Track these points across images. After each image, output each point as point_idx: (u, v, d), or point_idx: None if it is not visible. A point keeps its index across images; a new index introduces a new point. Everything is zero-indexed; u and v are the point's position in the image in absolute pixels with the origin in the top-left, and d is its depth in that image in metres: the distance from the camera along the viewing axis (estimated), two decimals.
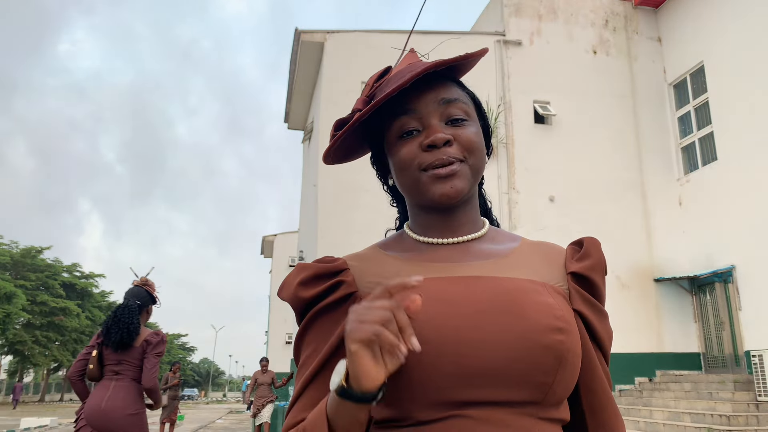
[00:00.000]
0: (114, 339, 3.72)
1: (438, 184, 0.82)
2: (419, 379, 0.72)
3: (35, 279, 37.45)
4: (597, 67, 12.09)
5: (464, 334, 0.73)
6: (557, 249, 0.91)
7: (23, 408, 31.60)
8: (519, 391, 0.73)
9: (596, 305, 0.85)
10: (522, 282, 0.80)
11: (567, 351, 0.75)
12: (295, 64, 12.19)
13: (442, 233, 0.87)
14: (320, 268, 0.84)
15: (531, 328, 0.74)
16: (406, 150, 0.84)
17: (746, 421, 7.86)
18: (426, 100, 0.85)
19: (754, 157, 9.71)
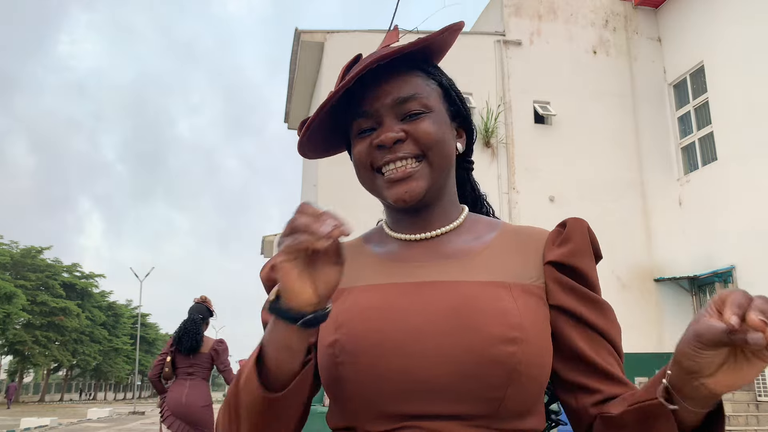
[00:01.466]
0: (185, 346, 4.69)
1: (393, 189, 0.79)
2: (363, 391, 0.71)
3: (35, 279, 37.45)
4: (597, 67, 12.08)
5: (408, 347, 0.70)
6: (537, 236, 0.82)
7: (23, 408, 31.59)
8: (467, 406, 0.69)
9: (583, 293, 0.77)
10: (481, 286, 0.74)
11: (519, 363, 0.69)
12: (295, 64, 12.19)
13: (412, 229, 0.84)
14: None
15: (479, 339, 0.69)
16: (359, 149, 0.82)
17: (746, 421, 7.87)
18: (379, 99, 0.80)
19: (754, 157, 9.71)
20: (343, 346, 0.72)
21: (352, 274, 0.80)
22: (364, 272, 0.82)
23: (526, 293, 0.75)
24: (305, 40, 11.24)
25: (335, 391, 0.74)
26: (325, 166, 10.76)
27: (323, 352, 0.75)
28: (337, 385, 0.73)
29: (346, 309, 0.76)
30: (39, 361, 40.18)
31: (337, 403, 0.77)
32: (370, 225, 1.01)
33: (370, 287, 0.79)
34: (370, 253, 0.85)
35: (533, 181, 11.09)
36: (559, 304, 0.77)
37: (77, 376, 58.21)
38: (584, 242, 0.80)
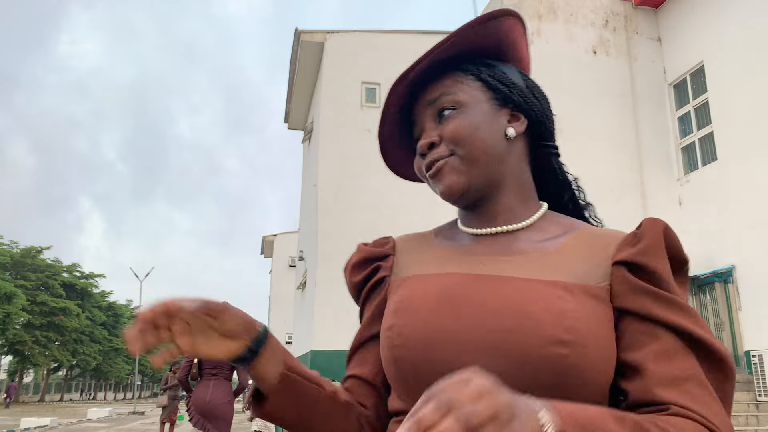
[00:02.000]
0: None
1: (435, 186, 0.83)
2: (416, 375, 0.73)
3: (35, 279, 37.47)
4: (597, 67, 12.08)
5: (460, 337, 0.71)
6: (612, 237, 0.78)
7: (23, 408, 31.58)
8: None
9: (655, 293, 0.70)
10: (540, 285, 0.72)
11: (571, 367, 0.66)
12: (295, 64, 12.18)
13: (478, 223, 0.85)
14: (368, 252, 0.91)
15: (530, 339, 0.67)
16: (416, 161, 0.87)
17: (746, 421, 7.86)
18: (418, 106, 0.85)
19: (754, 157, 9.71)
20: (399, 330, 0.76)
21: (415, 264, 0.85)
22: (426, 262, 0.85)
23: (587, 295, 0.72)
24: (305, 40, 11.24)
25: (392, 373, 0.78)
26: (325, 167, 10.75)
27: (383, 336, 0.79)
28: (393, 367, 0.77)
29: (405, 295, 0.80)
30: (39, 361, 40.18)
31: (394, 386, 0.80)
32: (370, 225, 1.01)
33: (429, 276, 0.81)
34: (436, 244, 0.88)
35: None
36: (625, 307, 0.72)
37: (77, 376, 58.20)
38: (656, 240, 0.74)
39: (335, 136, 10.71)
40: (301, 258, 13.50)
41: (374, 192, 10.36)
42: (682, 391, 0.66)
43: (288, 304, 20.58)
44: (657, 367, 0.68)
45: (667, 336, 0.69)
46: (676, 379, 0.67)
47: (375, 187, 10.39)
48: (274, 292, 26.58)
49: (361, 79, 11.07)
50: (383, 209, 10.26)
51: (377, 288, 0.88)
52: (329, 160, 10.71)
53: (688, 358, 0.68)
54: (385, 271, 0.88)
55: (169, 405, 11.34)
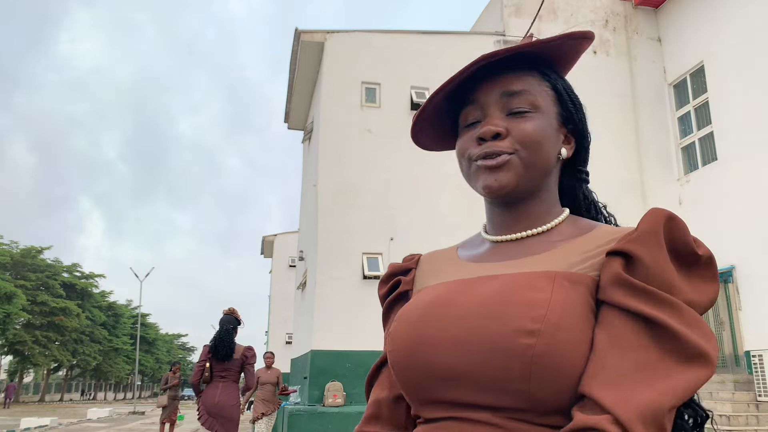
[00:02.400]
0: (221, 354, 5.46)
1: (483, 175, 0.81)
2: (404, 379, 0.78)
3: (35, 279, 37.47)
4: (597, 67, 12.08)
5: (435, 336, 0.75)
6: (621, 231, 0.76)
7: (23, 408, 31.58)
8: (498, 397, 0.69)
9: (634, 285, 0.68)
10: (522, 277, 0.74)
11: (539, 356, 0.66)
12: (295, 64, 12.18)
13: (502, 228, 0.86)
14: (395, 267, 0.96)
15: (498, 330, 0.69)
16: (463, 140, 0.85)
17: (746, 421, 7.86)
18: (488, 91, 0.83)
19: (754, 157, 9.71)
20: (392, 336, 0.81)
21: (431, 276, 0.89)
22: (440, 274, 0.88)
23: (570, 282, 0.71)
24: (305, 40, 11.24)
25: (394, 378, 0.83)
26: (326, 167, 10.75)
27: (385, 343, 0.85)
28: (393, 371, 0.81)
29: (407, 305, 0.84)
30: (39, 361, 40.19)
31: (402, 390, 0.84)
32: (370, 225, 1.02)
33: (436, 285, 0.84)
34: (455, 256, 0.90)
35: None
36: (604, 298, 0.70)
37: (77, 376, 58.20)
38: (650, 228, 0.71)
39: (335, 136, 10.70)
40: (301, 258, 13.50)
41: (374, 192, 10.36)
42: (607, 382, 0.64)
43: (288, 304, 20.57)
44: (599, 359, 0.66)
45: (631, 328, 0.67)
46: (615, 370, 0.64)
47: (375, 187, 10.39)
48: (274, 292, 26.57)
49: (361, 79, 11.06)
50: (383, 209, 10.26)
51: (400, 301, 0.92)
52: (329, 160, 10.70)
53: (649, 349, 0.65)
54: (407, 285, 0.92)
55: (169, 405, 11.34)
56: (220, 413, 5.33)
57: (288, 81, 13.38)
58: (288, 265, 24.30)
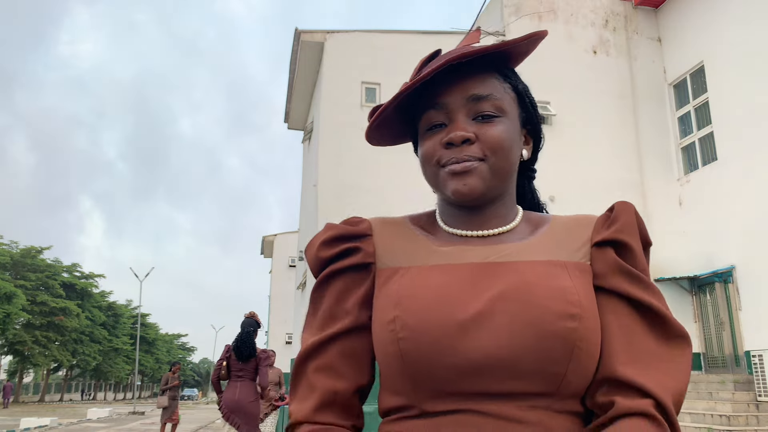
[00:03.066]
0: (244, 354, 5.88)
1: (452, 181, 0.80)
2: (424, 367, 0.72)
3: (35, 279, 37.47)
4: (597, 67, 12.08)
5: (470, 323, 0.71)
6: (588, 220, 0.84)
7: (23, 408, 31.60)
8: (530, 383, 0.70)
9: (630, 273, 0.76)
10: (539, 265, 0.76)
11: (579, 339, 0.70)
12: (295, 64, 12.18)
13: (467, 226, 0.85)
14: (343, 229, 0.86)
15: (540, 315, 0.70)
16: (428, 145, 0.82)
17: (746, 421, 7.86)
18: (454, 94, 0.81)
19: (754, 157, 9.71)
20: (404, 321, 0.74)
21: (405, 254, 0.83)
22: (419, 254, 0.83)
23: (579, 271, 0.77)
24: (305, 40, 11.24)
25: (394, 368, 0.75)
26: (326, 167, 10.75)
27: (382, 329, 0.76)
28: (397, 361, 0.74)
29: (405, 286, 0.78)
30: (39, 361, 40.19)
31: (394, 382, 0.77)
32: None
33: (429, 267, 0.80)
34: (421, 236, 0.86)
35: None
36: (605, 285, 0.77)
37: (77, 376, 58.21)
38: (630, 220, 0.80)
39: (335, 136, 10.70)
40: (301, 258, 13.50)
41: (374, 192, 10.36)
42: (639, 368, 0.72)
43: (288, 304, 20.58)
44: (621, 345, 0.73)
45: (634, 314, 0.75)
46: (637, 355, 0.73)
47: (375, 187, 10.39)
48: (274, 292, 26.58)
49: (361, 79, 11.06)
50: (383, 209, 10.22)
51: (357, 272, 0.83)
52: (329, 160, 10.71)
53: (649, 334, 0.74)
54: (368, 256, 0.84)
55: (170, 406, 11.32)
56: (240, 409, 5.77)
57: (288, 81, 13.38)
58: (288, 265, 24.32)
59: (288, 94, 13.96)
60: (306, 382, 0.80)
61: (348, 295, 0.83)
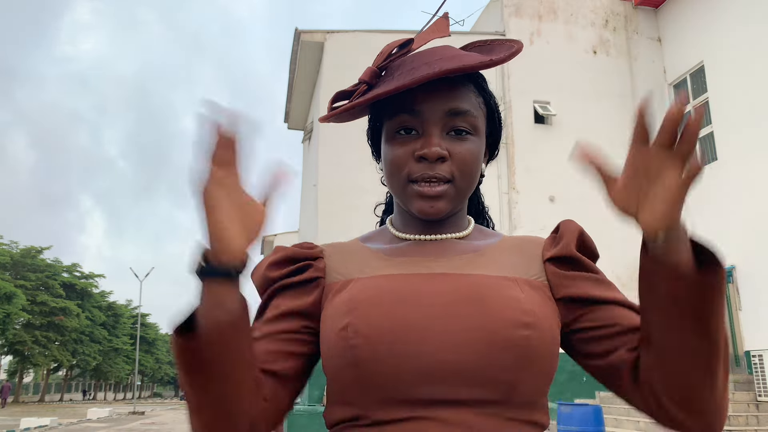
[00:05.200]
0: None
1: (420, 201, 0.79)
2: (378, 373, 0.70)
3: (35, 279, 37.47)
4: (597, 67, 12.09)
5: (423, 329, 0.71)
6: (536, 241, 0.86)
7: (23, 408, 31.60)
8: (481, 390, 0.70)
9: (588, 277, 0.80)
10: (491, 278, 0.76)
11: (531, 348, 0.70)
12: (295, 64, 12.19)
13: (423, 230, 0.85)
14: (295, 252, 0.83)
15: (493, 323, 0.70)
16: (399, 153, 0.80)
17: (746, 421, 7.86)
18: (433, 105, 0.79)
19: (754, 157, 9.71)
20: (357, 328, 0.72)
21: (354, 268, 0.82)
22: (369, 265, 0.82)
23: (530, 287, 0.77)
24: (305, 40, 11.24)
25: (346, 377, 0.73)
26: (326, 167, 10.75)
27: (334, 337, 0.73)
28: (349, 369, 0.72)
29: (357, 294, 0.76)
30: (39, 361, 40.19)
31: (343, 392, 0.75)
32: (369, 225, 1.01)
33: (379, 276, 0.78)
34: (371, 250, 0.85)
35: (533, 181, 11.10)
36: (565, 294, 0.79)
37: (77, 376, 58.22)
38: (574, 236, 0.83)
39: (335, 136, 10.71)
40: None
41: (374, 192, 10.35)
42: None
43: None
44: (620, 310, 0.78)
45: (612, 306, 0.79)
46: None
47: (375, 188, 10.37)
48: None
49: None
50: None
51: (304, 286, 0.81)
52: (329, 160, 10.71)
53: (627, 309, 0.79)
54: (318, 271, 0.82)
55: None
56: None
57: (288, 81, 13.38)
58: None
59: (288, 94, 13.96)
60: None
61: (289, 306, 0.79)
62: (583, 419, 6.24)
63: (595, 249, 0.85)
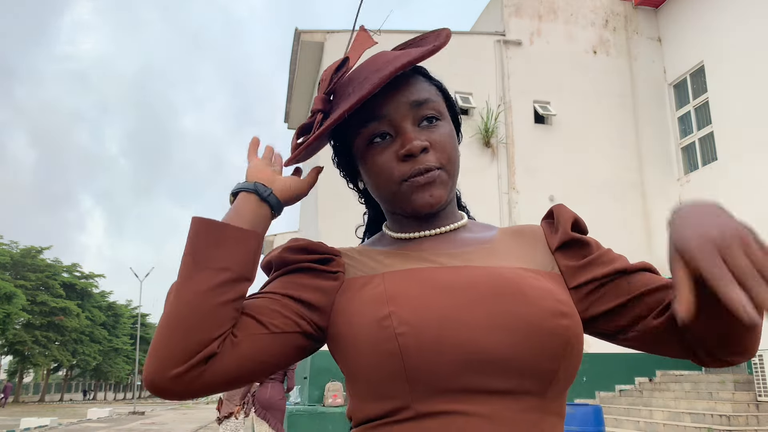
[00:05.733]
0: None
1: (418, 194, 0.79)
2: (425, 363, 0.69)
3: (35, 279, 37.48)
4: (597, 67, 12.08)
5: (469, 318, 0.70)
6: (535, 230, 0.87)
7: (23, 408, 31.60)
8: (524, 380, 0.70)
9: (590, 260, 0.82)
10: (515, 270, 0.77)
11: (572, 336, 0.72)
12: (295, 64, 12.18)
13: (419, 227, 0.85)
14: (314, 244, 0.83)
15: (536, 313, 0.71)
16: (382, 160, 0.80)
17: (746, 421, 7.86)
18: (395, 103, 0.80)
19: (754, 157, 9.71)
20: (401, 317, 0.70)
21: (374, 265, 0.81)
22: (386, 262, 0.81)
23: (552, 279, 0.79)
24: (305, 40, 11.24)
25: (384, 369, 0.70)
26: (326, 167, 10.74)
27: (371, 328, 0.71)
28: (392, 359, 0.69)
29: (391, 286, 0.74)
30: (39, 361, 40.20)
31: (381, 385, 0.72)
32: None
33: (407, 270, 0.78)
34: (382, 250, 0.85)
35: (533, 181, 11.09)
36: (583, 280, 0.80)
37: (77, 376, 58.21)
38: (569, 218, 0.85)
39: None
40: None
41: None
42: None
43: None
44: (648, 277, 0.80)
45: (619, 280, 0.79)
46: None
47: None
48: None
49: None
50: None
51: (325, 276, 0.80)
52: (329, 160, 10.71)
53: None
54: (339, 266, 0.81)
55: None
56: (271, 406, 6.60)
57: (288, 81, 13.38)
58: None
59: (288, 94, 13.96)
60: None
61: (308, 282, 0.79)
62: (584, 419, 6.25)
63: (584, 225, 0.87)
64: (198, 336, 0.69)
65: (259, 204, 0.80)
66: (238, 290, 0.73)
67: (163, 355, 0.68)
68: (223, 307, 0.71)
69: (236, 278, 0.73)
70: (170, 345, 0.68)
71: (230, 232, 0.74)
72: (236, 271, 0.73)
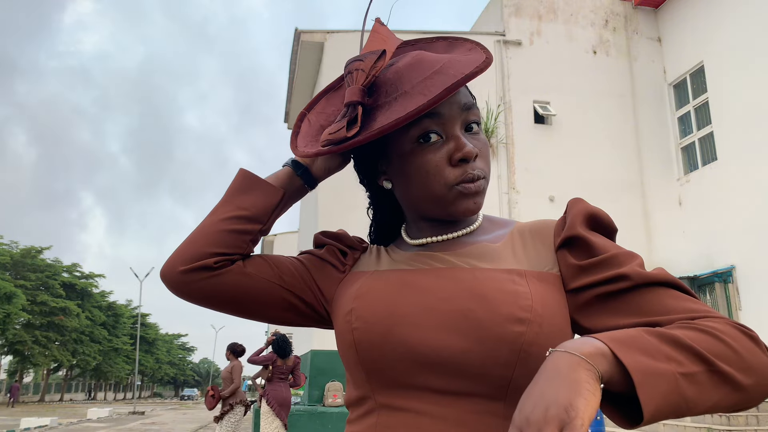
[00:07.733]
0: (288, 352, 7.30)
1: (464, 200, 0.79)
2: (372, 358, 0.75)
3: (35, 279, 37.46)
4: (597, 67, 12.08)
5: (420, 319, 0.73)
6: (549, 226, 0.83)
7: (23, 408, 31.61)
8: (477, 384, 0.71)
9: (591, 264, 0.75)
10: (495, 272, 0.76)
11: (528, 344, 0.70)
12: (295, 64, 12.18)
13: (435, 231, 0.86)
14: (345, 235, 0.96)
15: (490, 318, 0.71)
16: (435, 161, 0.78)
17: (746, 421, 7.87)
18: (449, 103, 0.78)
19: (754, 157, 9.71)
20: (358, 313, 0.78)
21: (370, 263, 0.89)
22: (381, 263, 0.88)
23: (539, 280, 0.76)
24: (305, 40, 11.24)
25: (350, 359, 0.79)
26: None
27: (341, 321, 0.81)
28: (351, 351, 0.78)
29: (363, 284, 0.82)
30: (39, 361, 40.18)
31: (352, 373, 0.81)
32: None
33: (387, 270, 0.84)
34: (387, 250, 0.91)
35: (533, 181, 11.09)
36: (576, 286, 0.75)
37: (77, 376, 58.20)
38: (578, 212, 0.80)
39: None
40: None
41: None
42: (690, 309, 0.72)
43: None
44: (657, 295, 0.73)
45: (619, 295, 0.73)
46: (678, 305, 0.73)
47: None
48: None
49: None
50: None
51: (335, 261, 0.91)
52: None
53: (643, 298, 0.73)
54: (350, 260, 0.92)
55: None
56: (285, 403, 7.10)
57: (288, 81, 13.38)
58: None
59: (288, 94, 13.95)
60: None
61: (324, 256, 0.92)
62: None
63: (611, 223, 0.81)
64: (201, 248, 0.84)
65: (293, 176, 0.90)
66: (246, 226, 0.86)
67: (176, 255, 0.85)
68: (227, 234, 0.85)
69: (249, 217, 0.86)
70: (181, 250, 0.85)
71: (260, 184, 0.87)
72: (252, 213, 0.86)
